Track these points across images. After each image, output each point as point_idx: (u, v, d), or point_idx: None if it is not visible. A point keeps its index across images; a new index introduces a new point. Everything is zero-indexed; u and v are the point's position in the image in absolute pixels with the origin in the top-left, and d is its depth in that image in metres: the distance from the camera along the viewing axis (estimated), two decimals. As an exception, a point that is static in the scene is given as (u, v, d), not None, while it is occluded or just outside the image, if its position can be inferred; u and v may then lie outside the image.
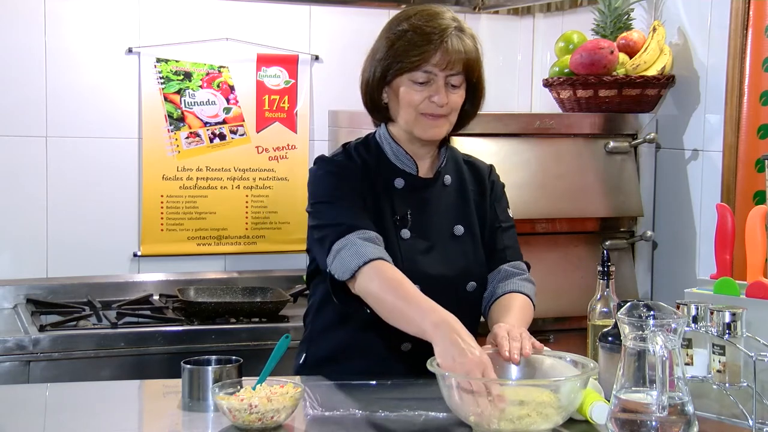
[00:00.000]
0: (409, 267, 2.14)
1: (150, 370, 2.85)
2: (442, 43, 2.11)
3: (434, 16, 2.15)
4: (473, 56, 2.16)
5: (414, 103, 2.15)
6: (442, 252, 2.22)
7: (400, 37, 2.14)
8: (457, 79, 2.15)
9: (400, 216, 2.20)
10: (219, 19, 3.49)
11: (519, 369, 1.95)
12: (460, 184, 2.28)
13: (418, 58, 2.11)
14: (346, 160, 2.22)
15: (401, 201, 2.21)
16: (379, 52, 2.18)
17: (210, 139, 3.48)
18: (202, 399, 1.99)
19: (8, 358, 2.77)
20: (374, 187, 2.20)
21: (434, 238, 2.22)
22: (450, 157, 2.30)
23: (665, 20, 3.10)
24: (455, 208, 2.26)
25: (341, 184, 2.17)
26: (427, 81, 2.13)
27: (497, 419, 1.75)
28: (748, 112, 2.78)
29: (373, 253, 2.05)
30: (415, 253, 2.18)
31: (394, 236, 2.18)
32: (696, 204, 3.01)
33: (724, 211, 2.10)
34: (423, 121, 2.16)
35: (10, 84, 3.28)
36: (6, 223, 3.30)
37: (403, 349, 2.18)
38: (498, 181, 2.36)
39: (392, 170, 2.23)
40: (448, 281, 2.20)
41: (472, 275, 2.23)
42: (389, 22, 2.23)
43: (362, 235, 2.08)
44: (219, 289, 3.34)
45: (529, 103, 3.82)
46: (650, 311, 1.69)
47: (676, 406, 1.66)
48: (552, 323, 2.94)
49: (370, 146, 2.25)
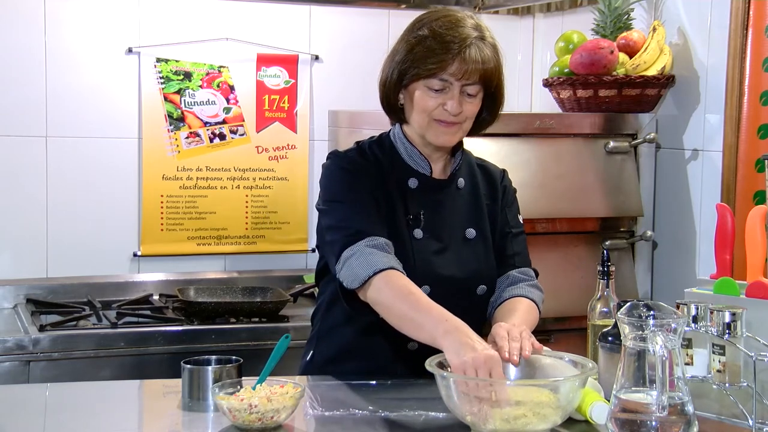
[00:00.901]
0: (422, 267, 2.15)
1: (150, 370, 2.85)
2: (460, 52, 2.10)
3: (456, 23, 2.14)
4: (491, 66, 2.14)
5: (428, 109, 2.15)
6: (455, 254, 2.22)
7: (420, 42, 2.13)
8: (474, 89, 2.15)
9: (413, 215, 2.20)
10: (219, 19, 3.49)
11: (517, 369, 1.94)
12: (473, 188, 2.29)
13: (435, 66, 2.11)
14: (359, 157, 2.22)
15: (415, 201, 2.21)
16: (399, 54, 2.18)
17: (210, 139, 3.48)
18: (202, 399, 1.99)
19: (8, 358, 2.77)
20: (387, 186, 2.19)
21: (447, 240, 2.22)
22: (464, 160, 2.30)
23: (665, 20, 3.10)
24: (468, 211, 2.26)
25: (355, 182, 2.16)
26: (442, 88, 2.13)
27: (493, 419, 1.75)
28: (748, 112, 2.78)
29: (382, 262, 2.04)
30: (428, 253, 2.18)
31: (408, 236, 2.18)
32: (696, 204, 3.01)
33: (724, 211, 2.10)
34: (435, 127, 2.16)
35: (10, 84, 3.28)
36: (6, 223, 3.30)
37: (410, 348, 2.18)
38: (510, 186, 2.36)
39: (406, 170, 2.22)
40: (460, 283, 2.20)
41: (482, 279, 2.24)
42: (412, 23, 2.21)
43: (371, 242, 2.07)
44: (219, 289, 3.34)
45: (529, 103, 3.82)
46: (650, 311, 1.69)
47: (676, 406, 1.66)
48: (552, 323, 2.94)
49: (384, 145, 2.25)
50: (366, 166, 2.20)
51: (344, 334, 2.25)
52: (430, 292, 2.09)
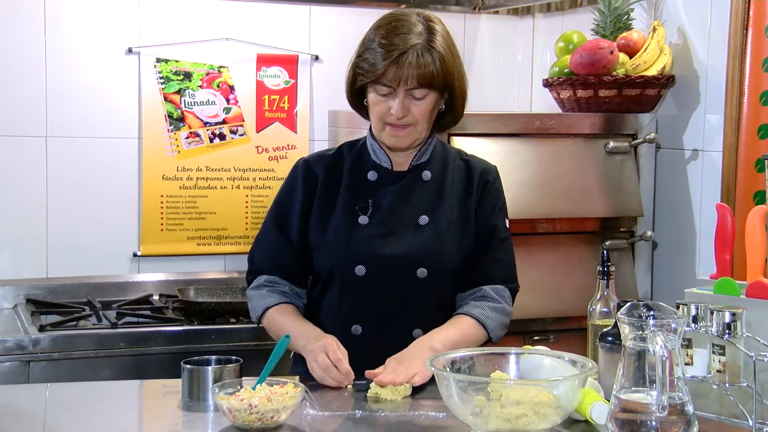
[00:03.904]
0: (357, 248, 2.26)
1: (150, 370, 2.85)
2: (397, 59, 2.18)
3: (401, 30, 2.21)
4: (429, 70, 2.19)
5: (377, 113, 2.26)
6: (400, 238, 2.28)
7: (367, 48, 2.25)
8: (419, 92, 2.22)
9: (362, 205, 2.30)
10: (219, 19, 3.49)
11: (517, 369, 1.95)
12: (441, 181, 2.33)
13: (376, 73, 2.20)
14: (307, 164, 2.36)
15: (369, 192, 2.31)
16: (353, 58, 2.30)
17: (210, 139, 3.48)
18: (202, 399, 2.00)
19: (8, 358, 2.77)
20: (344, 181, 2.32)
21: (395, 226, 2.29)
22: (439, 154, 2.35)
23: (665, 20, 3.11)
24: (427, 201, 2.31)
25: (283, 199, 2.38)
26: (388, 93, 2.22)
27: (496, 417, 1.75)
28: (748, 112, 2.78)
29: (259, 306, 2.33)
30: (369, 237, 2.27)
31: (350, 222, 2.28)
32: (696, 204, 3.01)
33: (724, 211, 2.10)
34: (387, 131, 2.27)
35: (10, 84, 3.28)
36: (6, 223, 3.30)
37: (353, 332, 2.27)
38: (495, 184, 2.37)
39: (369, 164, 2.34)
40: (396, 263, 2.26)
41: (423, 261, 2.26)
42: (370, 27, 2.29)
43: (257, 283, 2.35)
44: (219, 289, 3.35)
45: (529, 103, 3.82)
46: (650, 311, 1.69)
47: (676, 406, 1.66)
48: (552, 323, 2.94)
49: (358, 142, 2.39)
50: (307, 174, 2.34)
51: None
52: (365, 272, 2.24)
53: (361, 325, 2.27)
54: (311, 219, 2.32)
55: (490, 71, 3.82)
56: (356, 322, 2.27)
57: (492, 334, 2.27)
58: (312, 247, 2.32)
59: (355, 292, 2.27)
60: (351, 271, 2.26)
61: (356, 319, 2.27)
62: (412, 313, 2.26)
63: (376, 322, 2.27)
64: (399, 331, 2.24)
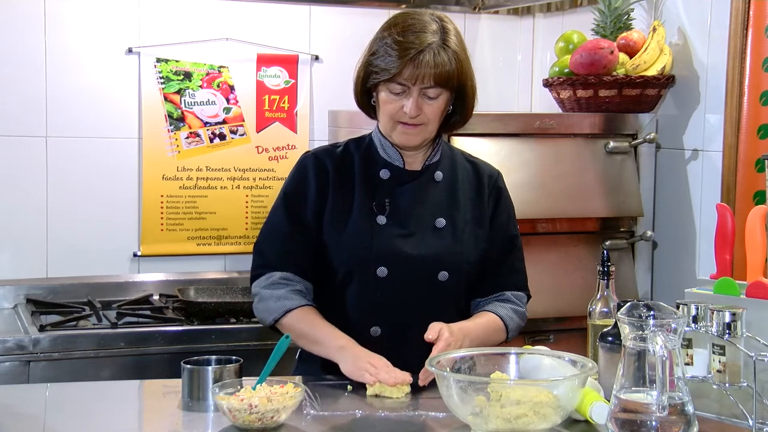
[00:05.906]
0: (380, 249, 2.23)
1: (150, 370, 2.85)
2: (414, 58, 2.16)
3: (416, 29, 2.20)
4: (446, 69, 2.18)
5: (389, 112, 2.23)
6: (420, 239, 2.26)
7: (382, 46, 2.22)
8: (433, 92, 2.20)
9: (378, 203, 2.27)
10: (219, 19, 3.49)
11: (517, 369, 1.95)
12: (453, 182, 2.33)
13: (391, 71, 2.18)
14: (317, 159, 2.31)
15: (383, 190, 2.28)
16: (365, 56, 2.27)
17: (210, 139, 3.48)
18: (202, 399, 2.00)
19: (8, 358, 2.77)
20: (354, 178, 2.29)
21: (414, 227, 2.27)
22: (447, 155, 2.35)
23: (665, 20, 3.11)
24: (442, 202, 2.30)
25: (292, 192, 2.30)
26: (402, 91, 2.20)
27: (496, 417, 1.75)
28: (748, 112, 2.78)
29: (277, 308, 2.23)
30: (389, 237, 2.24)
31: (369, 222, 2.25)
32: (696, 204, 3.01)
33: (724, 211, 2.10)
34: (398, 129, 2.25)
35: (10, 84, 3.28)
36: (6, 223, 3.30)
37: (372, 333, 2.24)
38: (506, 189, 2.39)
39: (380, 162, 2.31)
40: (420, 265, 2.24)
41: (445, 265, 2.26)
42: (382, 25, 2.28)
43: (268, 280, 2.26)
44: (219, 289, 3.34)
45: (529, 103, 3.82)
46: (650, 311, 1.69)
47: (676, 406, 1.66)
48: (552, 323, 2.94)
49: (364, 141, 2.36)
50: (319, 168, 2.29)
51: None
52: (387, 273, 2.21)
53: (380, 326, 2.24)
54: (326, 215, 2.27)
55: (490, 71, 3.82)
56: (375, 324, 2.24)
57: (509, 335, 2.31)
58: (327, 244, 2.27)
59: (376, 293, 2.23)
60: (372, 272, 2.23)
61: (375, 321, 2.24)
62: (431, 316, 2.19)
63: (396, 324, 2.24)
64: (418, 334, 2.16)
